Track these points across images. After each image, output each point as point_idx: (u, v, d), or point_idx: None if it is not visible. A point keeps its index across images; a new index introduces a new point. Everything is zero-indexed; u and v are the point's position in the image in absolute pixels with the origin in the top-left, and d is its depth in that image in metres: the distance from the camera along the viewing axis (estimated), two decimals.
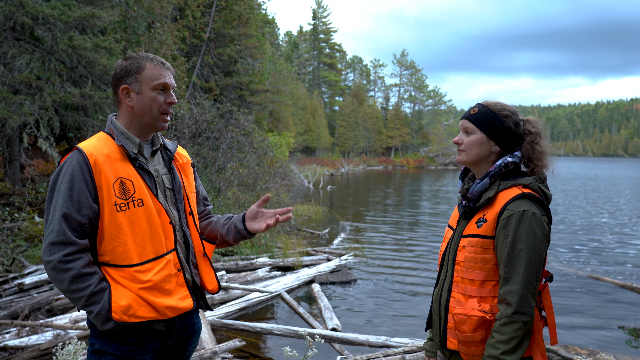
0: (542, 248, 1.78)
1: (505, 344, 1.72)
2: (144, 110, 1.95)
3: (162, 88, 1.96)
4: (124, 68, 1.94)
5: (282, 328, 5.52)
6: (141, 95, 1.94)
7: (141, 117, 1.96)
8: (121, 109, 1.98)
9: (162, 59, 2.01)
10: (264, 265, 8.43)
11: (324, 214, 16.73)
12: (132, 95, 1.94)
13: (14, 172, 10.16)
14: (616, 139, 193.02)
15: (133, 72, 1.93)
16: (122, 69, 1.95)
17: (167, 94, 1.98)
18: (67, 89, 9.84)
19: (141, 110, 1.95)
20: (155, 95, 1.95)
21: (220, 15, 18.69)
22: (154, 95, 1.94)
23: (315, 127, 61.65)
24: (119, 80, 1.95)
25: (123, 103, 1.96)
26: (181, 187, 2.09)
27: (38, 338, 4.81)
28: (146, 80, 1.93)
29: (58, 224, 1.78)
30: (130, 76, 1.94)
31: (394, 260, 10.04)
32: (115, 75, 1.97)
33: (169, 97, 1.98)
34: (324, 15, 74.84)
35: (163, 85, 1.96)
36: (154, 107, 1.95)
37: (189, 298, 2.00)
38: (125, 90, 1.95)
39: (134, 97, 1.94)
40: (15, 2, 8.67)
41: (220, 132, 13.29)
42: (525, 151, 1.95)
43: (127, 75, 1.94)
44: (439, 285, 2.03)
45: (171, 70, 2.02)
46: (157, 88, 1.95)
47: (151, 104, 1.94)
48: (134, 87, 1.94)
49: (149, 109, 1.94)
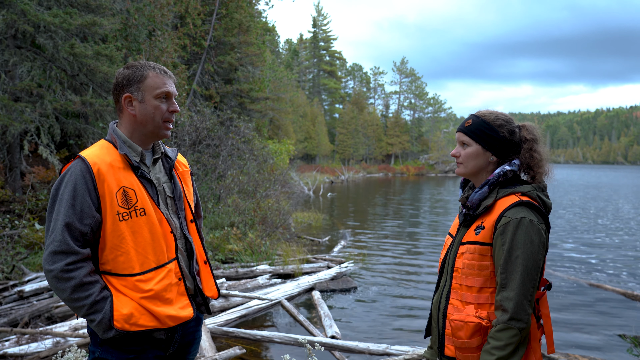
0: (539, 255, 1.79)
1: (501, 350, 1.73)
2: (147, 118, 1.95)
3: (165, 96, 1.97)
4: (126, 77, 1.95)
5: (282, 336, 5.51)
6: (144, 104, 1.94)
7: (144, 125, 1.96)
8: (123, 117, 1.98)
9: (164, 67, 2.01)
10: (264, 272, 8.42)
11: (324, 222, 16.71)
12: (135, 104, 1.95)
13: (15, 179, 10.17)
14: (616, 146, 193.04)
15: (135, 81, 1.94)
16: (124, 78, 1.95)
17: (170, 102, 1.99)
18: (68, 96, 9.87)
19: (144, 119, 1.95)
20: (158, 104, 1.95)
21: (220, 23, 18.76)
22: (156, 104, 1.95)
23: (315, 135, 61.71)
24: (121, 88, 1.95)
25: (125, 111, 1.96)
26: (182, 194, 2.09)
27: (38, 346, 4.80)
28: (149, 89, 1.94)
29: (60, 233, 1.77)
30: (132, 85, 1.94)
31: (394, 268, 10.02)
32: (117, 84, 1.97)
33: (171, 106, 1.99)
34: (324, 23, 75.10)
35: (166, 93, 1.96)
36: (157, 115, 1.95)
37: (189, 307, 2.00)
38: (128, 99, 1.95)
39: (137, 106, 1.94)
40: (17, 10, 8.72)
41: (220, 140, 13.32)
42: (523, 159, 1.96)
43: (129, 84, 1.94)
44: (438, 292, 2.04)
45: (173, 79, 2.03)
46: (159, 97, 1.95)
47: (154, 113, 1.95)
48: (136, 95, 1.94)
49: (152, 118, 1.95)
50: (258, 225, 11.30)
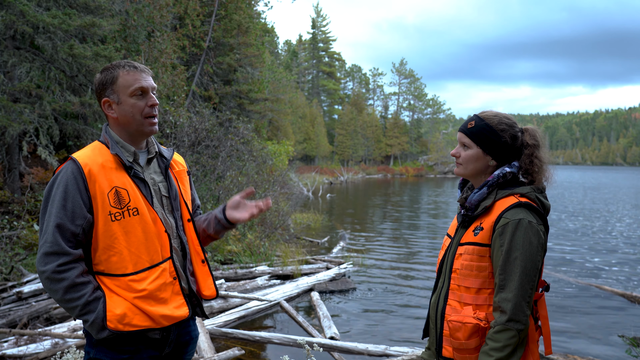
0: (537, 256, 1.79)
1: (499, 352, 1.73)
2: (127, 118, 1.94)
3: (141, 92, 1.94)
4: (100, 81, 1.95)
5: (281, 337, 5.51)
6: (122, 104, 1.93)
7: (127, 125, 1.95)
8: (109, 121, 1.99)
9: (135, 62, 1.98)
10: (263, 273, 8.42)
11: (323, 223, 16.71)
12: (114, 107, 1.94)
13: (13, 180, 10.15)
14: (615, 147, 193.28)
15: (109, 84, 1.93)
16: (99, 83, 1.95)
17: (147, 96, 1.96)
18: (66, 97, 9.86)
19: (125, 120, 1.94)
20: (135, 102, 1.93)
21: (219, 24, 18.76)
22: (133, 102, 1.93)
23: (314, 136, 61.73)
24: (99, 94, 1.96)
25: (109, 116, 1.97)
26: (177, 194, 2.08)
27: (36, 347, 4.79)
28: (122, 89, 1.92)
29: (52, 235, 1.78)
30: (107, 88, 1.94)
31: (393, 269, 10.02)
32: (95, 90, 1.97)
33: (149, 100, 1.96)
34: (323, 24, 75.18)
35: (140, 89, 1.93)
36: (135, 113, 1.93)
37: (184, 307, 1.99)
38: (107, 103, 1.95)
39: (116, 108, 1.94)
40: (15, 11, 8.70)
41: (219, 141, 13.31)
42: (523, 164, 1.95)
43: (104, 88, 1.94)
44: (436, 293, 2.04)
45: (147, 72, 1.98)
46: (134, 94, 1.93)
47: (132, 111, 1.93)
48: (113, 98, 1.93)
49: (131, 117, 1.93)
50: (257, 226, 11.30)
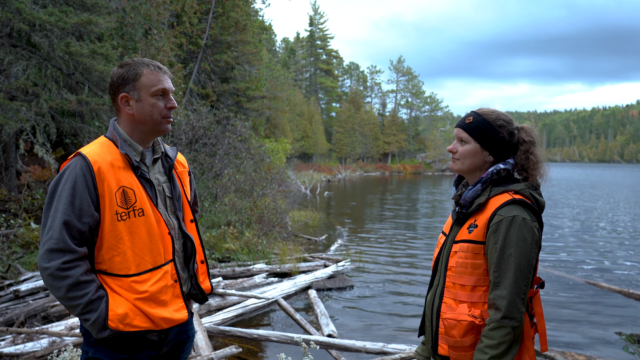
0: (531, 253, 1.79)
1: (494, 349, 1.73)
2: (145, 117, 1.92)
3: (162, 93, 1.94)
4: (121, 76, 1.91)
5: (278, 334, 5.51)
6: (141, 102, 1.91)
7: (143, 124, 1.94)
8: (121, 116, 1.96)
9: (159, 63, 1.98)
10: (261, 271, 8.42)
11: (321, 220, 16.71)
12: (132, 103, 1.92)
13: (10, 178, 10.13)
14: (612, 145, 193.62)
15: (130, 80, 1.90)
16: (119, 77, 1.92)
17: (167, 98, 1.96)
18: (63, 95, 9.83)
19: (142, 118, 1.92)
20: (155, 102, 1.92)
21: (217, 22, 18.73)
22: (153, 102, 1.92)
23: (312, 133, 61.69)
24: (117, 88, 1.93)
25: (123, 111, 1.94)
26: (181, 195, 2.08)
27: (33, 345, 4.79)
28: (145, 87, 1.91)
29: (58, 231, 1.75)
30: (128, 84, 1.91)
31: (390, 267, 10.03)
32: (112, 84, 1.94)
33: (169, 102, 1.96)
34: (320, 22, 75.08)
35: (162, 90, 1.93)
36: (155, 113, 1.92)
37: (184, 309, 2.00)
38: (125, 99, 1.92)
39: (134, 105, 1.92)
40: (12, 8, 8.67)
41: (217, 138, 13.31)
42: (519, 160, 1.96)
43: (124, 83, 1.91)
44: (432, 290, 2.04)
45: (168, 74, 1.99)
46: (156, 94, 1.92)
47: (152, 111, 1.92)
48: (132, 94, 1.91)
49: (150, 116, 1.92)
50: (255, 224, 11.30)
